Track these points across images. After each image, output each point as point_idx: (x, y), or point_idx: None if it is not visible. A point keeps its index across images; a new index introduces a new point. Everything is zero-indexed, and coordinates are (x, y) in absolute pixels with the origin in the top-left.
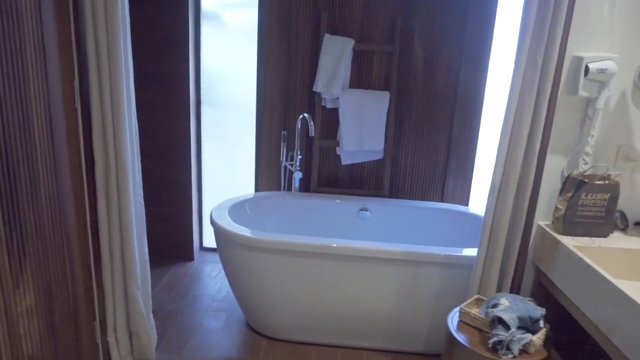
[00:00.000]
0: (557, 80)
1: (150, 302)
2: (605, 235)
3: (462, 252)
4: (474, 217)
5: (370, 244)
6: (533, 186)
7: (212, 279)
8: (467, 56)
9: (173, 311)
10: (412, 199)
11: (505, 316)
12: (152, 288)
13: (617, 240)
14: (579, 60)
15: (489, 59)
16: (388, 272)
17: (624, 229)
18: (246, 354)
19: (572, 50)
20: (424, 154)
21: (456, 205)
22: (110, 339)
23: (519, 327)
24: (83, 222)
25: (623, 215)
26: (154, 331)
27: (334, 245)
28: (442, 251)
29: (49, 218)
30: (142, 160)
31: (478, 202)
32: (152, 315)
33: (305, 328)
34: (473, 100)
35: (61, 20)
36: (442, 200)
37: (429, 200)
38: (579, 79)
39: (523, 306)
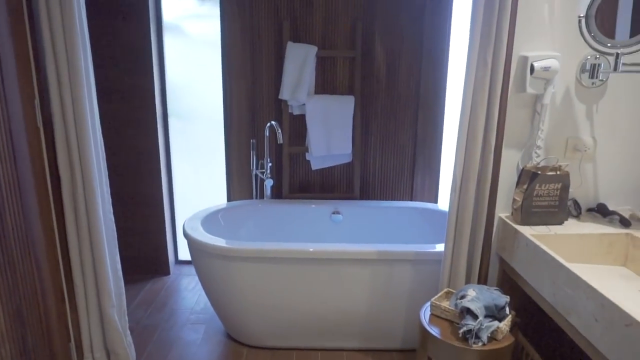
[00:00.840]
0: (506, 78)
1: (127, 318)
2: (560, 223)
3: (432, 248)
4: (442, 214)
5: (343, 245)
6: (492, 180)
7: (189, 292)
8: (426, 56)
9: (151, 326)
10: (382, 199)
11: (472, 306)
12: (128, 305)
13: (571, 226)
14: (524, 59)
15: (447, 57)
16: (362, 272)
17: (577, 216)
18: None
19: (518, 50)
20: (392, 155)
21: (425, 203)
22: (87, 359)
23: (486, 316)
24: (52, 242)
25: (576, 203)
26: (132, 348)
27: (308, 249)
28: (412, 248)
29: (16, 241)
30: (111, 176)
31: (447, 198)
32: (129, 332)
33: (285, 333)
34: (435, 99)
35: (18, 39)
36: (411, 198)
37: (400, 199)
38: (526, 77)
39: (489, 295)
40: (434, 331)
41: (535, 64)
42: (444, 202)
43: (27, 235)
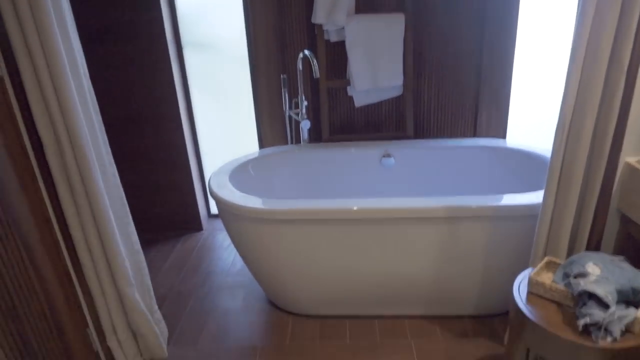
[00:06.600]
0: None
1: (152, 294)
2: None
3: (517, 202)
4: (513, 152)
5: (403, 201)
6: (620, 112)
7: (225, 250)
8: None
9: (184, 293)
10: (440, 137)
11: (600, 292)
12: (159, 268)
13: None
14: None
15: None
16: (428, 231)
17: None
18: (271, 337)
19: None
20: (451, 85)
21: (491, 139)
22: (111, 343)
23: (617, 302)
24: (44, 219)
25: None
26: (163, 324)
27: (361, 208)
28: (491, 202)
29: None
30: (126, 129)
31: (516, 133)
32: (156, 308)
33: (335, 301)
34: (505, 15)
35: None
36: (475, 136)
37: (461, 137)
38: None
39: (620, 274)
40: (536, 318)
41: None
42: (512, 138)
43: (7, 215)
